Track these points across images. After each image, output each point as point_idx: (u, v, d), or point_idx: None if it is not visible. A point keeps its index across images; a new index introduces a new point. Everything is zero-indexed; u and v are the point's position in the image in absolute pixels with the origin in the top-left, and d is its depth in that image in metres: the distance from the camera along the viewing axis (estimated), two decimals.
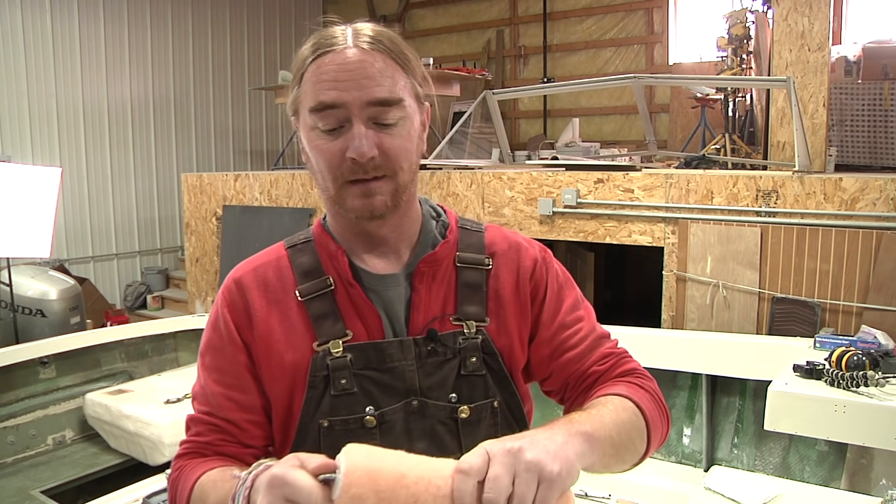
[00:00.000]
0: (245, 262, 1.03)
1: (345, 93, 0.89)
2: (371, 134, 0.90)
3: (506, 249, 1.04)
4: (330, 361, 0.93)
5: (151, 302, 7.53)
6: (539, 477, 0.70)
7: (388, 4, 9.19)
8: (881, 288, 3.02)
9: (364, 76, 0.89)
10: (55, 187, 4.18)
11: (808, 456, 2.45)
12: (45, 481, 2.89)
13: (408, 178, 0.94)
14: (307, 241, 1.02)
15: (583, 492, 2.59)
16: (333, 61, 0.90)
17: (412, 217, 1.01)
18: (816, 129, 3.75)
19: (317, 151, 0.92)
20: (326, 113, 0.90)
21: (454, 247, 1.01)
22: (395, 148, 0.91)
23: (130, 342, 3.53)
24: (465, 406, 0.95)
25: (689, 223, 3.54)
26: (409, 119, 0.93)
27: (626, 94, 7.31)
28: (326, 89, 0.89)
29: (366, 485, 0.66)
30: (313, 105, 0.90)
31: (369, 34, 0.93)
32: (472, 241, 1.03)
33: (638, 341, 2.74)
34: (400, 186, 0.93)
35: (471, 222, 1.06)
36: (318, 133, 0.91)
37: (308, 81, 0.92)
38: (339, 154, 0.90)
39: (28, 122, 6.78)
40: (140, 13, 7.60)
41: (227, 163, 8.53)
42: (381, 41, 0.93)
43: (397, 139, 0.92)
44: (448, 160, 5.25)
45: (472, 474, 0.68)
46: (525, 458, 0.70)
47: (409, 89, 0.94)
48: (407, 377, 0.95)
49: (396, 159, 0.92)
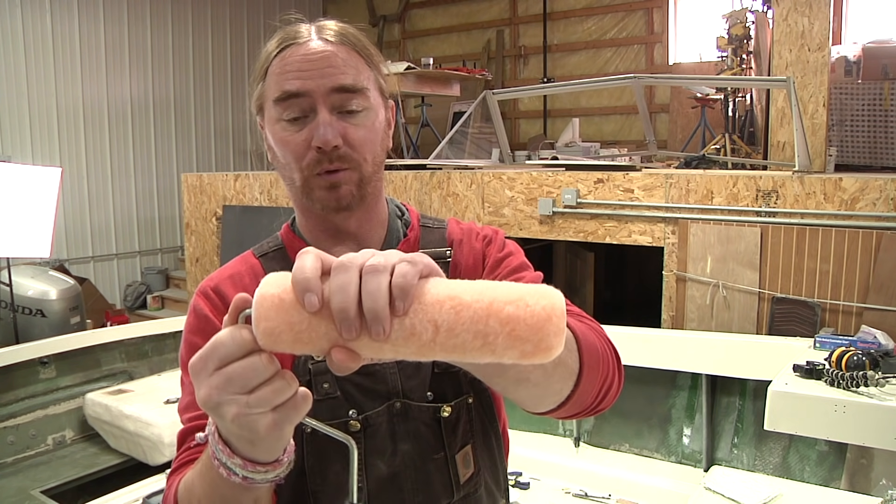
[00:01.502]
0: (216, 272, 1.01)
1: (309, 81, 0.89)
2: (336, 122, 0.90)
3: (461, 238, 1.05)
4: (311, 366, 0.93)
5: (151, 302, 7.53)
6: (398, 254, 0.58)
7: (388, 4, 9.19)
8: (881, 288, 3.02)
9: (328, 65, 0.90)
10: (55, 187, 4.18)
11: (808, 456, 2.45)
12: (45, 481, 2.89)
13: (371, 169, 0.95)
14: (278, 248, 1.02)
15: (583, 492, 2.59)
16: (297, 53, 0.91)
17: (379, 213, 1.01)
18: (816, 129, 3.75)
19: (282, 144, 0.92)
20: (290, 102, 0.90)
21: (415, 244, 1.02)
22: (359, 138, 0.92)
23: (130, 342, 3.53)
24: (446, 405, 0.96)
25: (689, 223, 3.54)
26: (372, 110, 0.94)
27: (626, 94, 7.31)
28: (291, 79, 0.90)
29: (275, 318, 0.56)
30: (277, 95, 0.91)
31: (334, 28, 0.94)
32: (434, 238, 1.04)
33: (638, 341, 2.74)
34: (364, 177, 0.94)
35: (433, 220, 1.07)
36: (282, 125, 0.92)
37: (272, 75, 0.92)
38: (305, 144, 0.91)
39: (28, 122, 6.78)
40: (140, 13, 7.60)
41: (227, 163, 8.53)
42: (346, 35, 0.94)
43: (361, 129, 0.92)
44: (448, 160, 5.25)
45: (315, 251, 0.59)
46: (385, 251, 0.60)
47: (374, 82, 0.95)
48: (389, 380, 0.95)
49: (360, 150, 0.92)
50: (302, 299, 0.55)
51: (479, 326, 0.53)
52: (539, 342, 0.53)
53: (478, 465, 0.99)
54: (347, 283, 0.54)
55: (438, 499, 0.95)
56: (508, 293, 0.54)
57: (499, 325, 0.53)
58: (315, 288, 0.55)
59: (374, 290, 0.54)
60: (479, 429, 0.99)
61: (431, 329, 0.54)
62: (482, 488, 1.00)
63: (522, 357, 0.54)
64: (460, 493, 0.97)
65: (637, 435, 2.82)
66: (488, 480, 1.01)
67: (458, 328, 0.53)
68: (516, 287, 0.55)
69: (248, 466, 0.65)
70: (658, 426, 2.79)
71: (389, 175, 4.65)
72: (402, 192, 4.60)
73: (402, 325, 0.54)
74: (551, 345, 0.53)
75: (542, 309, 0.53)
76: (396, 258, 0.57)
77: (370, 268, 0.55)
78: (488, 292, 0.54)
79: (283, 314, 0.55)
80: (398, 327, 0.54)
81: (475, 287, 0.55)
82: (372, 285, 0.54)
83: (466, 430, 0.97)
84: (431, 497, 0.94)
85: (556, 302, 0.54)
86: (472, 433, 0.98)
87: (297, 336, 0.55)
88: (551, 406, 0.79)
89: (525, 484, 2.67)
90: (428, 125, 6.81)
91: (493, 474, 1.02)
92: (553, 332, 0.53)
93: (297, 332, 0.55)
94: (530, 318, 0.53)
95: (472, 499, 0.98)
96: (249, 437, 0.62)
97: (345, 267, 0.55)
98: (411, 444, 0.94)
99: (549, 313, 0.53)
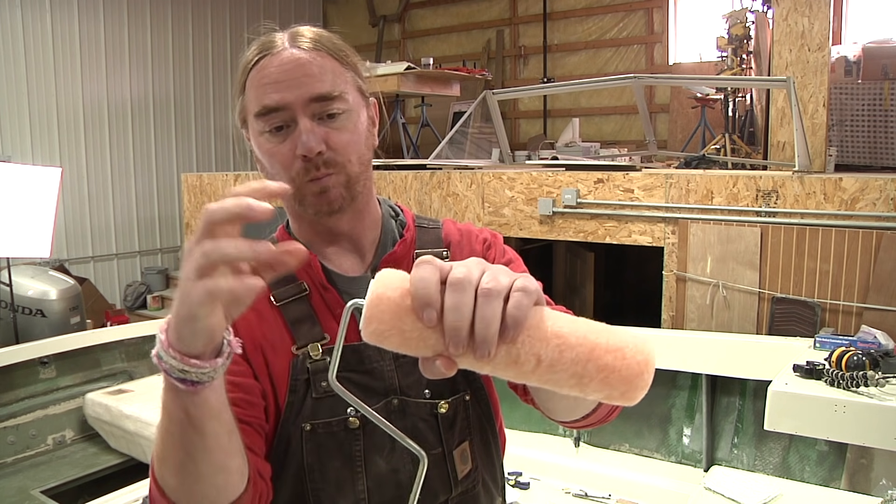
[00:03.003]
0: None
1: (286, 93, 0.90)
2: (317, 129, 0.91)
3: (459, 239, 1.06)
4: (310, 365, 0.93)
5: (151, 302, 7.53)
6: (510, 274, 0.59)
7: (388, 4, 9.19)
8: (881, 288, 3.02)
9: (303, 74, 0.91)
10: (55, 187, 4.18)
11: (808, 456, 2.45)
12: (45, 481, 2.89)
13: (358, 169, 0.96)
14: None
15: (583, 492, 2.59)
16: (272, 64, 0.92)
17: (371, 213, 1.02)
18: (816, 129, 3.75)
19: (268, 155, 0.93)
20: (271, 116, 0.91)
21: (412, 245, 1.03)
22: (342, 142, 0.93)
23: (130, 342, 3.53)
24: (443, 402, 0.96)
25: (689, 223, 3.54)
26: (353, 112, 0.95)
27: (626, 94, 7.31)
28: (269, 92, 0.91)
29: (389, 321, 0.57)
30: (258, 110, 0.92)
31: (307, 35, 0.95)
32: (430, 238, 1.05)
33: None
34: (352, 178, 0.95)
35: (428, 220, 1.08)
36: (266, 137, 0.93)
37: (251, 88, 0.93)
38: (290, 154, 0.91)
39: (28, 122, 6.78)
40: (140, 13, 7.60)
41: (227, 163, 8.53)
42: (319, 41, 0.95)
43: (344, 133, 0.93)
44: (448, 160, 5.25)
45: (436, 263, 0.58)
46: (495, 265, 0.61)
47: (352, 83, 0.96)
48: (386, 377, 0.95)
49: (345, 152, 0.93)
50: (421, 313, 0.56)
51: (577, 368, 0.57)
52: (626, 392, 0.58)
53: (475, 462, 1.00)
54: (463, 305, 0.56)
55: (437, 495, 0.96)
56: (609, 341, 0.57)
57: (595, 371, 0.57)
58: (436, 304, 0.56)
59: (488, 316, 0.55)
60: (477, 426, 1.00)
61: (534, 362, 0.57)
62: (479, 485, 1.01)
63: (606, 399, 0.59)
64: (458, 490, 0.97)
65: (637, 435, 2.81)
66: (486, 477, 1.02)
67: (559, 366, 0.57)
68: (617, 336, 0.58)
69: (183, 360, 0.63)
70: (658, 426, 2.79)
71: (389, 175, 4.65)
72: (402, 192, 4.60)
73: (509, 352, 0.57)
74: (636, 396, 0.58)
75: (637, 364, 0.57)
76: (508, 280, 0.58)
77: (486, 291, 0.56)
78: (591, 336, 0.57)
79: (397, 320, 0.57)
80: (504, 353, 0.57)
81: (579, 327, 0.58)
82: (487, 311, 0.56)
83: (464, 427, 0.98)
84: (430, 493, 0.95)
85: (651, 359, 0.58)
86: (470, 430, 0.99)
87: (405, 341, 0.58)
88: (578, 416, 0.85)
89: (525, 484, 2.67)
90: (428, 125, 6.81)
91: (490, 471, 1.03)
92: (642, 385, 0.57)
93: (407, 338, 0.58)
94: (625, 371, 0.57)
95: (469, 495, 0.99)
96: (187, 314, 0.61)
97: (462, 286, 0.56)
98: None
99: (642, 369, 0.57)
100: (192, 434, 0.69)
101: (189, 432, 0.68)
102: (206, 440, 0.69)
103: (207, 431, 0.69)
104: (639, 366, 0.57)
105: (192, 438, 0.69)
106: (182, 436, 0.69)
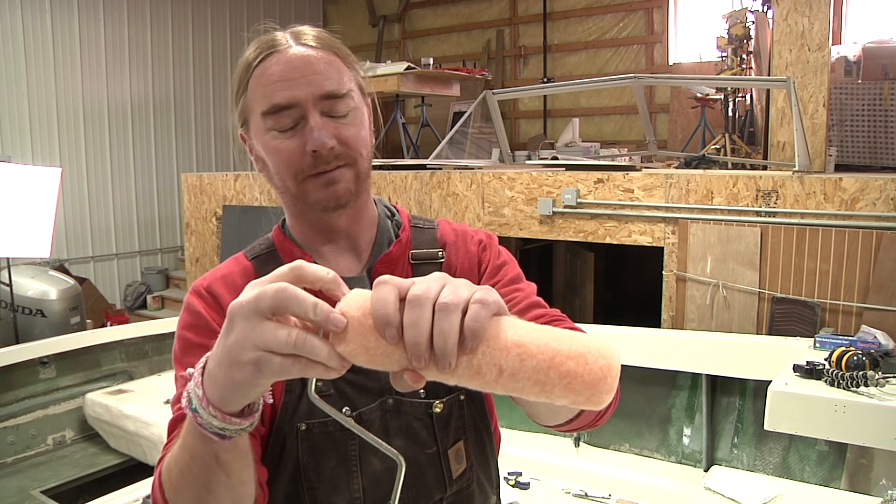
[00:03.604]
0: (209, 273, 1.02)
1: (297, 91, 0.90)
2: (328, 124, 0.91)
3: (454, 239, 1.06)
4: None
5: (151, 302, 7.53)
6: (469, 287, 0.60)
7: (388, 4, 9.19)
8: (881, 288, 3.02)
9: (312, 72, 0.91)
10: (55, 187, 4.18)
11: (808, 456, 2.45)
12: (45, 481, 2.90)
13: (367, 165, 0.96)
14: (270, 251, 1.02)
15: (583, 492, 2.59)
16: (279, 62, 0.91)
17: (370, 212, 1.02)
18: (816, 129, 3.75)
19: (274, 152, 0.93)
20: (281, 115, 0.91)
21: (407, 245, 1.03)
22: (352, 136, 0.93)
23: (130, 342, 3.53)
24: (438, 401, 0.97)
25: (689, 223, 3.54)
26: (359, 109, 0.96)
27: (626, 94, 7.31)
28: (278, 90, 0.90)
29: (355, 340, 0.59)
30: (266, 108, 0.91)
31: (310, 33, 0.95)
32: (425, 238, 1.05)
33: (638, 341, 2.74)
34: (361, 173, 0.95)
35: (423, 220, 1.08)
36: (273, 135, 0.92)
37: (256, 86, 0.93)
38: (298, 151, 0.91)
39: (28, 122, 6.79)
40: (140, 13, 7.60)
41: (227, 163, 8.53)
42: (322, 39, 0.95)
43: (352, 128, 0.94)
44: (448, 160, 5.25)
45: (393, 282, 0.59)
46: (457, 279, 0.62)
47: (355, 82, 0.97)
48: (381, 377, 0.95)
49: (355, 146, 0.94)
50: (383, 331, 0.58)
51: (539, 376, 0.58)
52: (591, 396, 0.58)
53: (470, 461, 1.00)
54: (421, 320, 0.57)
55: (431, 493, 0.96)
56: (571, 348, 0.58)
57: (558, 378, 0.58)
58: (395, 321, 0.58)
59: (445, 329, 0.57)
60: (472, 425, 1.00)
61: (496, 371, 0.58)
62: (474, 484, 1.01)
63: (573, 404, 0.59)
64: (453, 489, 0.98)
65: (637, 435, 2.81)
66: (480, 476, 1.02)
67: (521, 375, 0.58)
68: (578, 341, 0.59)
69: (225, 419, 0.63)
70: (658, 426, 2.79)
71: (389, 175, 4.65)
72: (402, 192, 4.60)
73: (470, 363, 0.58)
74: (602, 400, 0.58)
75: (600, 368, 0.57)
76: (467, 293, 0.59)
77: (443, 305, 0.57)
78: (553, 344, 0.58)
79: (362, 338, 0.59)
80: (465, 364, 0.58)
81: (541, 335, 0.59)
82: (444, 325, 0.57)
83: (458, 426, 0.98)
84: (424, 492, 0.95)
85: (614, 363, 0.58)
86: (465, 429, 0.99)
87: (371, 358, 0.60)
88: (562, 420, 0.85)
89: (525, 484, 2.67)
90: (428, 125, 6.81)
91: (485, 470, 1.03)
92: (606, 389, 0.58)
93: (373, 355, 0.60)
94: (588, 376, 0.57)
95: (464, 494, 0.99)
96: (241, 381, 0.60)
97: (419, 302, 0.57)
98: (404, 439, 0.95)
99: (605, 373, 0.58)
100: (218, 473, 0.70)
101: (214, 471, 0.70)
102: (230, 478, 0.71)
103: (233, 470, 0.71)
104: (601, 370, 0.57)
105: (217, 477, 0.70)
106: (204, 474, 0.70)
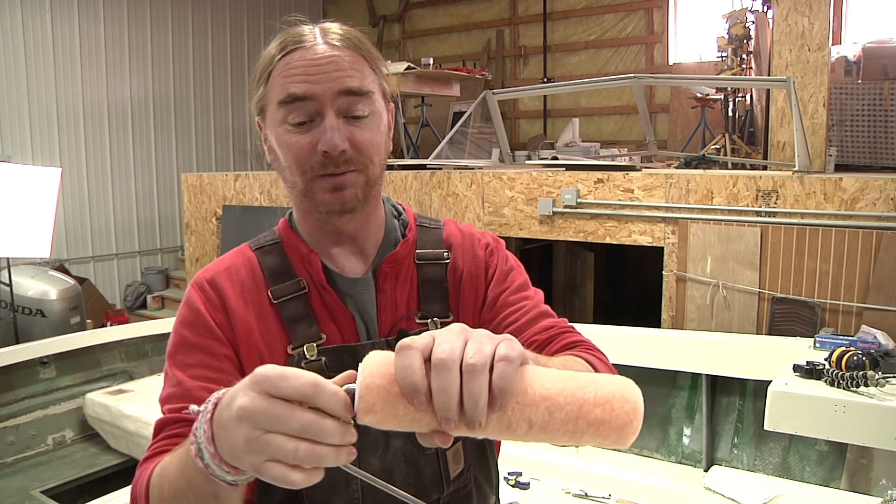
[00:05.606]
0: (212, 263, 1.01)
1: (316, 85, 0.89)
2: (342, 126, 0.90)
3: (461, 241, 1.05)
4: (304, 365, 0.92)
5: (151, 302, 7.53)
6: (491, 341, 0.60)
7: (388, 4, 9.19)
8: (881, 288, 3.02)
9: (335, 69, 0.90)
10: (55, 187, 4.18)
11: (808, 456, 2.45)
12: (45, 481, 2.89)
13: (378, 172, 0.95)
14: (275, 243, 1.01)
15: (583, 492, 2.59)
16: (303, 57, 0.90)
17: (378, 215, 1.02)
18: (816, 129, 3.75)
19: (285, 146, 0.91)
20: (296, 105, 0.89)
21: (413, 245, 1.02)
22: (366, 141, 0.91)
23: (130, 342, 3.53)
24: None
25: (689, 223, 3.54)
26: (378, 114, 0.94)
27: (626, 94, 7.31)
28: (297, 82, 0.89)
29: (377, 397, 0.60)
30: (283, 98, 0.90)
31: (338, 32, 0.93)
32: (431, 238, 1.04)
33: (638, 341, 2.74)
34: (371, 180, 0.94)
35: (429, 220, 1.07)
36: (286, 128, 0.91)
37: (277, 77, 0.91)
38: (310, 147, 0.90)
39: (28, 122, 6.78)
40: (140, 13, 7.60)
41: (227, 163, 8.54)
42: (350, 38, 0.93)
43: (367, 132, 0.92)
44: (448, 160, 5.25)
45: (416, 346, 0.59)
46: (476, 330, 0.62)
47: (378, 85, 0.95)
48: None
49: (368, 152, 0.92)
50: (411, 399, 0.58)
51: (568, 427, 0.59)
52: (618, 439, 0.60)
53: (468, 462, 1.00)
54: (449, 384, 0.57)
55: (429, 493, 0.96)
56: (597, 395, 0.60)
57: (586, 426, 0.59)
58: (423, 389, 0.58)
59: (475, 392, 0.57)
60: None
61: (526, 426, 0.59)
62: (472, 484, 1.01)
63: (600, 446, 0.62)
64: (450, 488, 0.98)
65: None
66: (479, 477, 1.02)
67: (550, 427, 0.59)
68: (602, 387, 0.60)
69: (236, 472, 0.65)
70: (658, 426, 2.79)
71: (389, 175, 4.65)
72: (402, 192, 4.60)
73: (500, 420, 0.59)
74: (628, 441, 0.60)
75: (626, 413, 0.59)
76: (491, 348, 0.59)
77: (470, 367, 0.57)
78: (579, 394, 0.59)
79: (390, 407, 0.60)
80: (496, 421, 0.59)
81: (567, 385, 0.60)
82: (474, 387, 0.57)
83: None
84: (422, 491, 0.95)
85: (639, 406, 0.60)
86: None
87: (400, 423, 0.60)
88: None
89: (525, 484, 2.67)
90: (428, 125, 6.81)
91: (483, 471, 1.03)
92: (631, 432, 0.60)
93: (402, 421, 0.60)
94: (615, 421, 0.59)
95: (462, 494, 0.99)
96: (255, 451, 0.61)
97: (446, 366, 0.58)
98: (402, 439, 0.95)
99: (631, 418, 0.59)
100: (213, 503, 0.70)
101: (210, 502, 0.70)
102: None
103: (229, 500, 0.71)
104: (627, 415, 0.59)
105: None
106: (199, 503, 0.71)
